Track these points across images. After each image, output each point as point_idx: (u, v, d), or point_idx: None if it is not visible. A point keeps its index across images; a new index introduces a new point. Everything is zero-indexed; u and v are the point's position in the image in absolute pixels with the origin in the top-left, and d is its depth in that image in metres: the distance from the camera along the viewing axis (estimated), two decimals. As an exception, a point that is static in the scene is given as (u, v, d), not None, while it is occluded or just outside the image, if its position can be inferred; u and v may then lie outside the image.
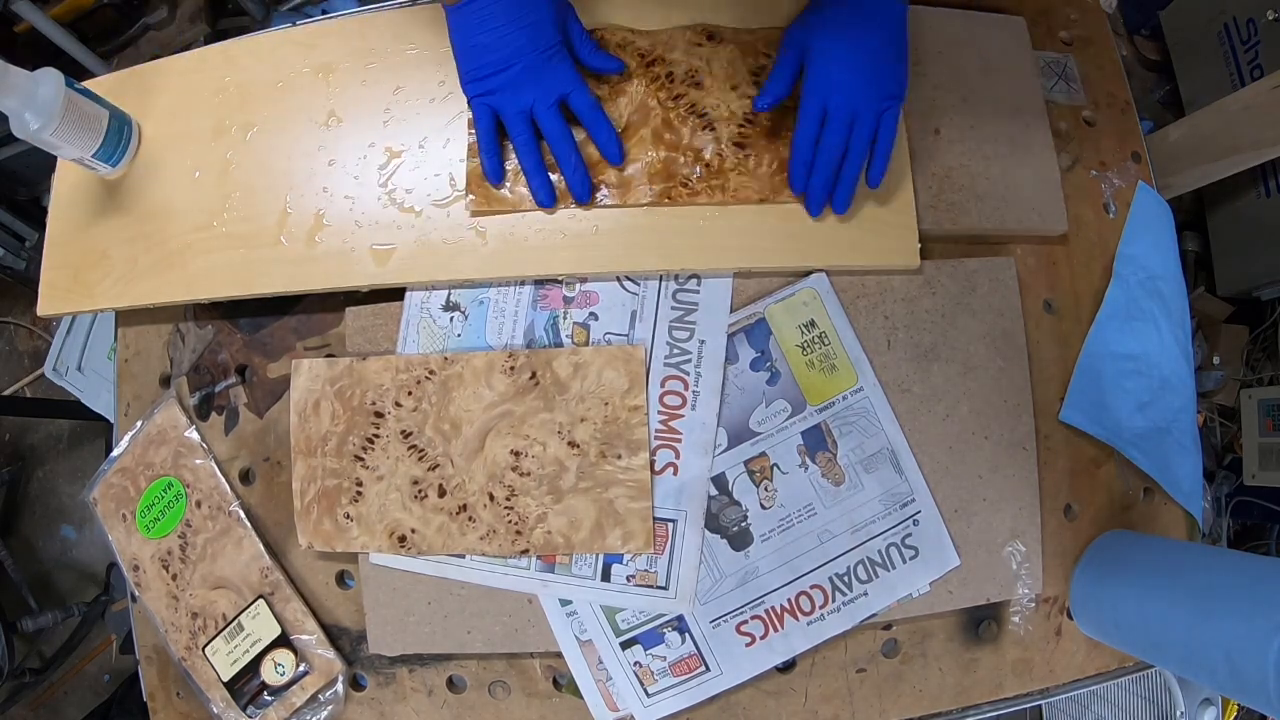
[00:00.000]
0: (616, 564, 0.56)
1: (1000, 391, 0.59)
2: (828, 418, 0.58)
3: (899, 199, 0.58)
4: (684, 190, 0.56)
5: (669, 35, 0.59)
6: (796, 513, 0.57)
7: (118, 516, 0.65)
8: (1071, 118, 0.66)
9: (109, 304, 0.62)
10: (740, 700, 0.58)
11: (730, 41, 0.59)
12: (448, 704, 0.60)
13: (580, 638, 0.57)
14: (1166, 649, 0.51)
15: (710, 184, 0.56)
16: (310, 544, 0.58)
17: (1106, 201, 0.65)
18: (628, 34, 0.59)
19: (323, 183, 0.60)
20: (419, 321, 0.60)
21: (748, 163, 0.57)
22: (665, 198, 0.56)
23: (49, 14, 1.40)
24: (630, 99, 0.58)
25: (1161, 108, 1.62)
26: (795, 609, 0.57)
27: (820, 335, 0.58)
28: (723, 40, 0.59)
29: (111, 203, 0.63)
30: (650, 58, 0.58)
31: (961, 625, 0.59)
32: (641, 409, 0.55)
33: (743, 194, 0.56)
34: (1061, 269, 0.63)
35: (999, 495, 0.58)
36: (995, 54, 0.64)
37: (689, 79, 0.58)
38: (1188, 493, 0.63)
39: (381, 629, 0.59)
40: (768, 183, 0.56)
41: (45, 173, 0.65)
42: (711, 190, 0.56)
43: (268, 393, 0.63)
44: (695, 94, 0.58)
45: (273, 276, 0.59)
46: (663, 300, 0.58)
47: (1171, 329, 0.63)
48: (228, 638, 0.60)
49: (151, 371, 0.67)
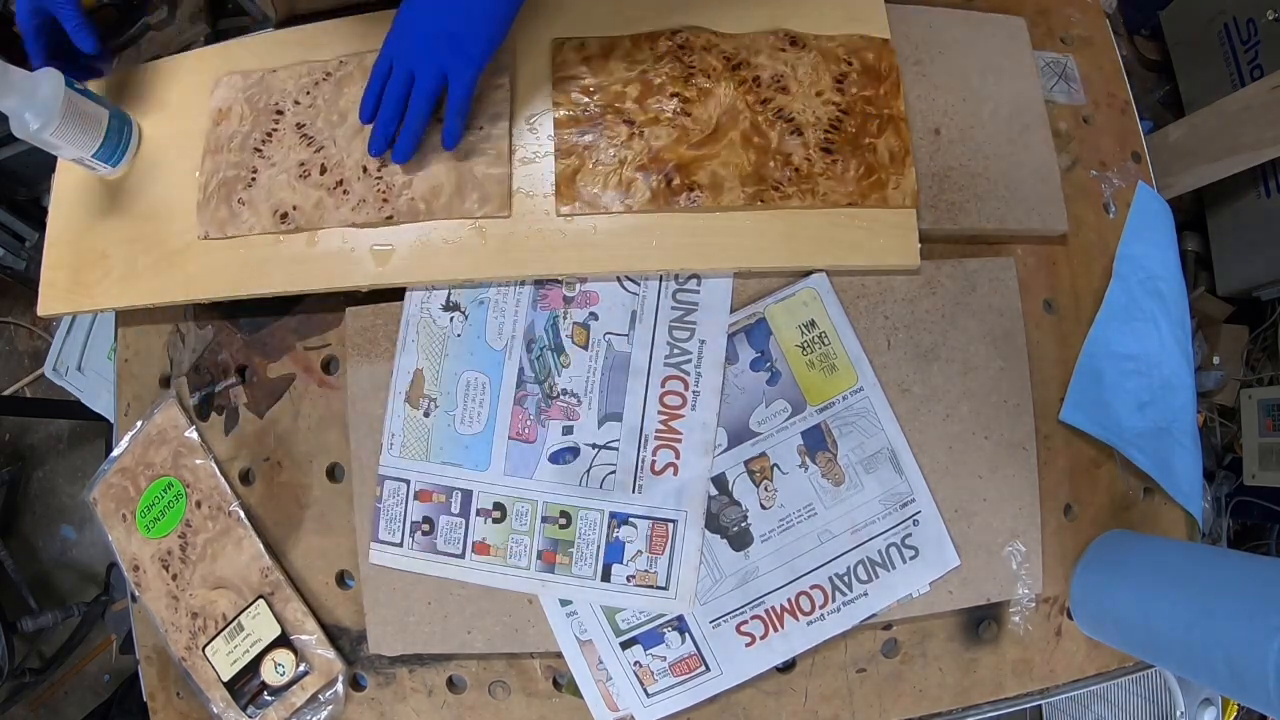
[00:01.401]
0: (617, 564, 0.56)
1: (1000, 391, 0.59)
2: (828, 418, 0.58)
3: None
4: (775, 194, 0.56)
5: (751, 39, 0.59)
6: (796, 513, 0.57)
7: (118, 516, 0.65)
8: (1071, 118, 0.66)
9: (109, 304, 0.62)
10: (740, 700, 0.58)
11: (812, 47, 0.59)
12: (448, 704, 0.60)
13: (580, 638, 0.57)
14: (1166, 649, 0.51)
15: (800, 187, 0.56)
16: (206, 232, 0.60)
17: (1106, 201, 0.65)
18: (712, 36, 0.59)
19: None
20: (419, 321, 0.60)
21: (835, 168, 0.57)
22: (758, 200, 0.56)
23: (49, 14, 1.40)
24: (719, 102, 0.58)
25: (1161, 108, 1.62)
26: (795, 609, 0.57)
27: (820, 335, 0.58)
28: (805, 46, 0.59)
29: (111, 203, 0.63)
30: (735, 61, 0.59)
31: (961, 625, 0.59)
32: (505, 87, 0.59)
33: (832, 198, 0.56)
34: (1061, 269, 0.63)
35: (999, 495, 0.58)
36: (995, 54, 0.64)
37: (775, 83, 0.58)
38: (1188, 493, 0.63)
39: (381, 629, 0.59)
40: (855, 187, 0.57)
41: (45, 173, 0.65)
42: (802, 194, 0.56)
43: (268, 393, 0.63)
44: (782, 98, 0.58)
45: (273, 276, 0.59)
46: (663, 300, 0.58)
47: (1171, 329, 0.63)
48: (228, 638, 0.60)
49: (151, 371, 0.67)
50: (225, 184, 0.60)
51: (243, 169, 0.61)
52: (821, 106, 0.58)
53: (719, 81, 0.58)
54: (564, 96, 0.58)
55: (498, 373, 0.59)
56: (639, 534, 0.56)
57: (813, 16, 0.60)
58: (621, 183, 0.57)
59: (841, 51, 0.59)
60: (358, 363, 0.61)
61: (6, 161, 1.47)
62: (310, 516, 0.62)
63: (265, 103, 0.62)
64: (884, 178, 0.57)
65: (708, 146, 0.57)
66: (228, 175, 0.61)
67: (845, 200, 0.56)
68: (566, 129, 0.58)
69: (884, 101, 0.58)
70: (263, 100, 0.62)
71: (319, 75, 0.62)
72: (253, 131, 0.61)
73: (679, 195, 0.56)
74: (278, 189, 0.60)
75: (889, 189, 0.57)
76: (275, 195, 0.60)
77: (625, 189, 0.57)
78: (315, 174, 0.59)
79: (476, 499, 0.58)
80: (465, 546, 0.58)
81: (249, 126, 0.61)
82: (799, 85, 0.58)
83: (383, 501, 0.59)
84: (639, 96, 0.58)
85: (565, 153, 0.58)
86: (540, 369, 0.58)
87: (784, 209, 0.57)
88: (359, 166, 0.59)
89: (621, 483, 0.57)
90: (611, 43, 0.59)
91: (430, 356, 0.59)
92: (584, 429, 0.57)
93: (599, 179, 0.57)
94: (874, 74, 0.59)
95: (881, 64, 0.59)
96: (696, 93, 0.58)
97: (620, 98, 0.58)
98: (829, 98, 0.58)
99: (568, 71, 0.59)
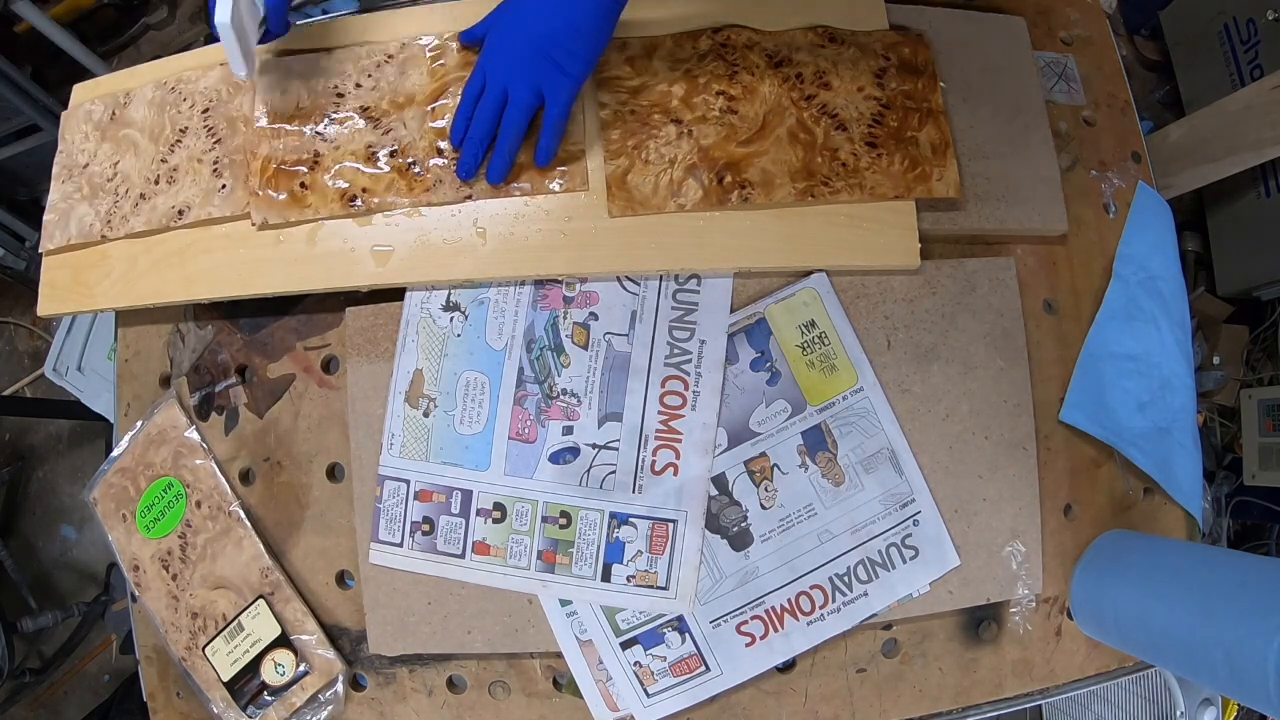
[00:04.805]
0: (617, 564, 0.56)
1: (1000, 391, 0.59)
2: (828, 418, 0.58)
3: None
4: (825, 189, 0.56)
5: (791, 36, 0.60)
6: (796, 513, 0.57)
7: (118, 516, 0.65)
8: (1071, 118, 0.66)
9: (109, 304, 0.62)
10: (740, 700, 0.58)
11: (850, 43, 0.59)
12: (448, 704, 0.60)
13: (580, 638, 0.57)
14: (1166, 649, 0.51)
15: (848, 182, 0.57)
16: (265, 219, 0.58)
17: (1106, 201, 0.65)
18: (753, 34, 0.60)
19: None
20: (419, 321, 0.60)
21: (880, 161, 0.57)
22: (809, 195, 0.56)
23: (49, 14, 1.40)
24: (764, 99, 0.58)
25: (1161, 108, 1.62)
26: (795, 609, 0.57)
27: (820, 335, 0.58)
28: (844, 42, 0.60)
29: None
30: (777, 58, 0.59)
31: (961, 625, 0.59)
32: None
33: (879, 191, 0.57)
34: (1061, 269, 0.63)
35: (999, 495, 0.58)
36: (995, 54, 0.64)
37: (817, 80, 0.58)
38: (1188, 493, 0.63)
39: (381, 629, 0.59)
40: (901, 180, 0.57)
41: (45, 173, 0.65)
42: (850, 188, 0.57)
43: (268, 393, 0.63)
44: (825, 95, 0.58)
45: (273, 276, 0.59)
46: (663, 300, 0.58)
47: (1171, 329, 0.63)
48: (228, 638, 0.60)
49: (151, 371, 0.67)
50: (284, 170, 0.59)
51: (303, 153, 0.59)
52: (864, 102, 0.58)
53: (763, 79, 0.58)
54: (609, 96, 0.58)
55: (497, 373, 0.59)
56: (639, 534, 0.56)
57: (813, 17, 0.60)
58: (673, 182, 0.57)
59: (879, 47, 0.60)
60: (358, 363, 0.61)
61: (6, 161, 1.48)
62: (310, 516, 0.62)
63: (324, 86, 0.60)
64: (928, 170, 0.57)
65: (756, 143, 0.57)
66: (286, 159, 0.59)
67: (892, 193, 0.57)
68: (613, 129, 0.58)
69: (922, 95, 0.59)
70: (321, 84, 0.61)
71: (380, 57, 0.61)
72: (311, 114, 0.60)
73: (730, 193, 0.56)
74: (344, 174, 0.59)
75: (933, 180, 0.57)
76: (342, 179, 0.58)
77: (676, 188, 0.57)
78: (385, 156, 0.58)
79: (476, 499, 0.58)
80: (465, 546, 0.58)
81: (307, 108, 0.60)
82: (840, 81, 0.59)
83: (383, 501, 0.59)
84: (684, 95, 0.58)
85: (614, 154, 0.57)
86: (540, 369, 0.58)
87: (833, 204, 0.57)
88: (433, 148, 0.58)
89: (621, 483, 0.57)
90: (654, 42, 0.59)
91: (430, 356, 0.59)
92: (584, 429, 0.57)
93: (650, 179, 0.57)
94: (911, 68, 0.59)
95: (918, 58, 0.60)
96: (741, 90, 0.58)
97: (666, 97, 0.58)
98: (870, 93, 0.58)
99: (611, 72, 0.59)
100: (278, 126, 0.60)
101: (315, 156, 0.59)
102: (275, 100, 0.61)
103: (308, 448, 0.62)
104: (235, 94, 0.62)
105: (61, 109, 0.68)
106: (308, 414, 0.63)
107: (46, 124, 1.39)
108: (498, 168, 0.56)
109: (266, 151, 0.60)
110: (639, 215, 0.57)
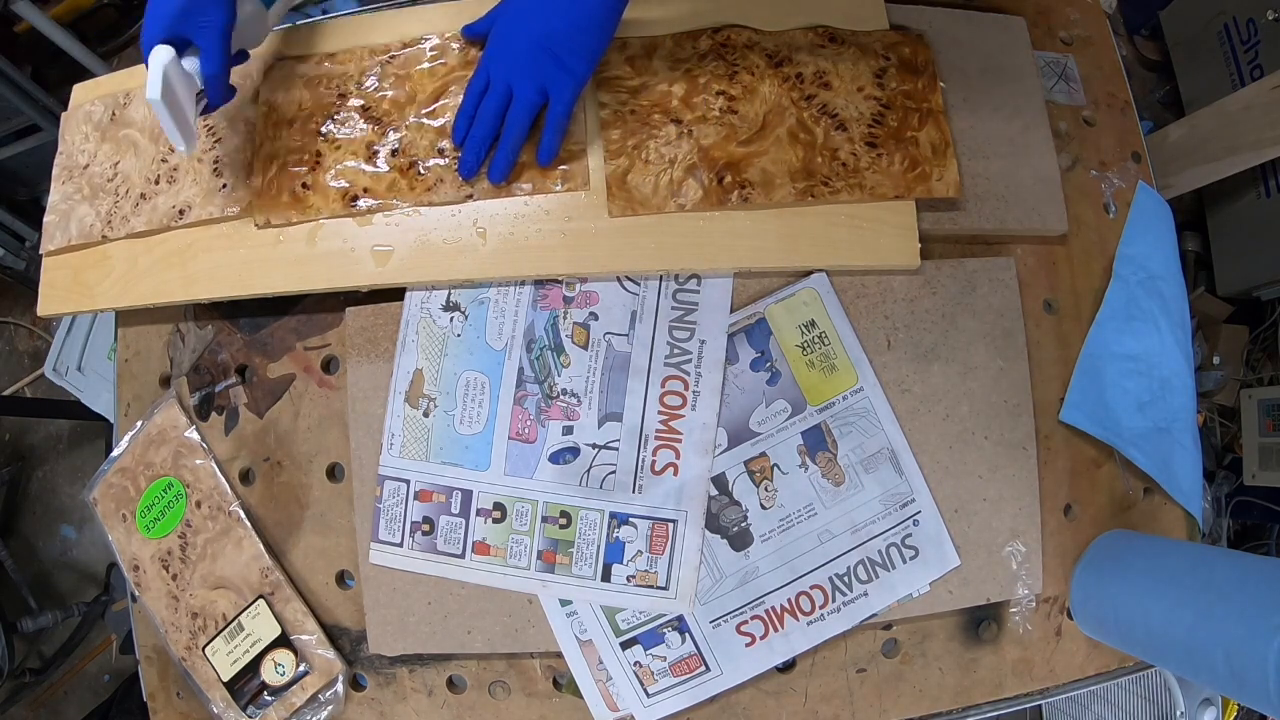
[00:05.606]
0: (617, 564, 0.56)
1: (1000, 391, 0.59)
2: (828, 418, 0.58)
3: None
4: (825, 189, 0.56)
5: (791, 36, 0.60)
6: (796, 513, 0.57)
7: (118, 516, 0.65)
8: (1071, 118, 0.66)
9: (109, 304, 0.62)
10: (740, 700, 0.58)
11: (851, 43, 0.59)
12: (448, 704, 0.60)
13: (580, 638, 0.57)
14: (1166, 649, 0.51)
15: (849, 182, 0.57)
16: (267, 219, 0.58)
17: (1106, 201, 0.65)
18: (753, 34, 0.60)
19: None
20: (419, 321, 0.60)
21: (880, 161, 0.57)
22: (809, 195, 0.56)
23: (49, 14, 1.40)
24: (764, 99, 0.58)
25: (1161, 108, 1.62)
26: (795, 609, 0.57)
27: (820, 335, 0.58)
28: (844, 42, 0.60)
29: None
30: (777, 58, 0.59)
31: (961, 625, 0.60)
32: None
33: (879, 190, 0.57)
34: (1061, 269, 0.63)
35: (999, 495, 0.58)
36: (995, 54, 0.64)
37: (817, 80, 0.58)
38: (1188, 493, 0.63)
39: (381, 629, 0.59)
40: (901, 180, 0.57)
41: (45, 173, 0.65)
42: (850, 188, 0.57)
43: (268, 393, 0.63)
44: (825, 95, 0.58)
45: (273, 276, 0.59)
46: (663, 300, 0.58)
47: (1171, 329, 0.63)
48: (228, 638, 0.60)
49: (151, 371, 0.67)
50: (286, 171, 0.59)
51: (305, 153, 0.59)
52: (864, 102, 0.58)
53: (763, 79, 0.58)
54: (609, 96, 0.58)
55: (497, 373, 0.59)
56: (639, 534, 0.56)
57: (813, 17, 0.60)
58: (673, 182, 0.57)
59: (879, 47, 0.60)
60: (358, 363, 0.61)
61: (6, 161, 1.48)
62: (310, 516, 0.62)
63: (326, 87, 0.61)
64: (928, 170, 0.57)
65: (756, 143, 0.57)
66: (289, 160, 0.59)
67: (892, 193, 0.57)
68: (614, 129, 0.58)
69: (922, 95, 0.59)
70: (323, 85, 0.61)
71: (381, 57, 0.61)
72: (313, 115, 0.60)
73: (730, 193, 0.56)
74: (345, 174, 0.59)
75: (933, 180, 0.57)
76: (343, 179, 0.59)
77: (676, 188, 0.57)
78: (386, 155, 0.59)
79: (476, 499, 0.58)
80: (465, 546, 0.58)
81: (309, 110, 0.60)
82: (840, 81, 0.59)
83: (383, 501, 0.59)
84: (685, 95, 0.58)
85: (614, 153, 0.57)
86: (540, 369, 0.58)
87: (833, 204, 0.57)
88: (433, 148, 0.58)
89: (621, 483, 0.57)
90: (654, 42, 0.59)
91: (430, 356, 0.59)
92: (584, 429, 0.57)
93: (650, 179, 0.57)
94: (911, 68, 0.59)
95: (918, 58, 0.59)
96: (741, 90, 0.58)
97: (666, 97, 0.58)
98: (870, 93, 0.58)
99: (611, 72, 0.59)
100: (279, 126, 0.60)
101: (316, 156, 0.59)
102: (276, 100, 0.61)
103: (308, 448, 0.62)
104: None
105: (61, 109, 0.68)
106: (308, 414, 0.63)
107: (46, 124, 1.39)
108: (500, 167, 0.56)
109: (268, 151, 0.60)
110: (639, 215, 0.57)
